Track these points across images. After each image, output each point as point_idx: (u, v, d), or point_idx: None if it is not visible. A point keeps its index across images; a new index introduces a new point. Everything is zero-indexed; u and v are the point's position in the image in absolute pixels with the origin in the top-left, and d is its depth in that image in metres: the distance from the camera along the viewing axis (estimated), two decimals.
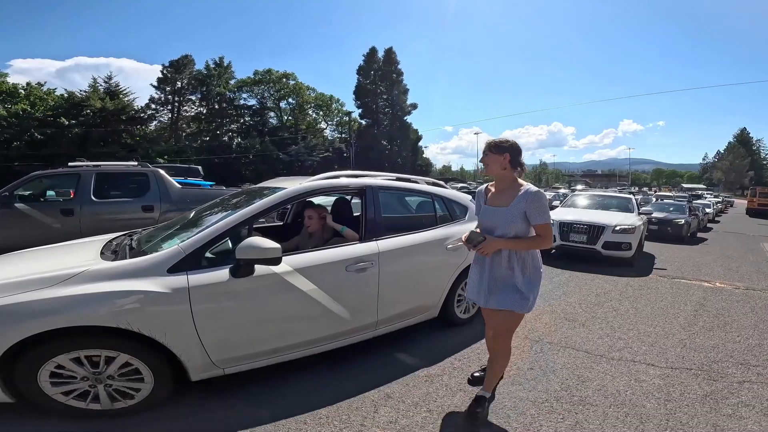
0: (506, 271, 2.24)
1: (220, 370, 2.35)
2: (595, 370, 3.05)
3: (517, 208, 2.16)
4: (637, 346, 3.57)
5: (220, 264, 2.31)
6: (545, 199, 2.17)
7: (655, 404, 2.59)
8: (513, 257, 2.23)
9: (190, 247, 2.25)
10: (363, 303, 2.84)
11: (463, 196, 3.99)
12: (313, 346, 2.67)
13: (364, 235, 2.93)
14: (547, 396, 2.65)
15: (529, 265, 2.25)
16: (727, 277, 6.81)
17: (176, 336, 2.13)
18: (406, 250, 3.08)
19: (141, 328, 2.03)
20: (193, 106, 46.91)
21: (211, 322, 2.22)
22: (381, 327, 3.03)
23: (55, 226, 5.63)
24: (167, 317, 2.10)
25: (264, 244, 2.20)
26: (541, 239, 2.18)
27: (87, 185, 6.03)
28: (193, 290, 2.15)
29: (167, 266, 2.17)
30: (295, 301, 2.49)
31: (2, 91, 35.57)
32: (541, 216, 2.14)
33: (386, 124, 48.80)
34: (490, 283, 2.29)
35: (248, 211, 2.50)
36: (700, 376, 3.01)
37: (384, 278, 2.89)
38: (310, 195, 2.89)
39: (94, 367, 2.06)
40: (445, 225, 3.55)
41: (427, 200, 3.65)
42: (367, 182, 3.13)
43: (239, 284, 2.28)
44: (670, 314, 4.52)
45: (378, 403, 2.49)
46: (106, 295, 1.99)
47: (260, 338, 2.43)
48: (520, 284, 2.22)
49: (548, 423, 2.36)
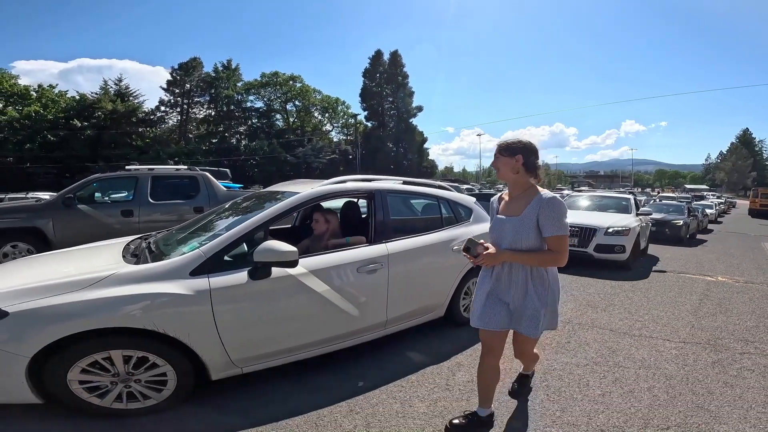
0: (519, 291, 2.02)
1: (239, 369, 2.42)
2: (621, 344, 3.63)
3: (529, 218, 1.92)
4: (653, 326, 4.14)
5: (238, 266, 2.38)
6: (562, 208, 1.89)
7: (675, 367, 3.17)
8: (527, 274, 2.01)
9: (210, 251, 2.33)
10: (373, 303, 2.92)
11: (467, 198, 4.07)
12: (326, 345, 2.75)
13: (374, 238, 3.02)
14: (587, 361, 3.23)
15: (547, 283, 2.03)
16: (729, 272, 7.24)
17: (199, 337, 2.20)
18: (414, 252, 3.17)
19: (167, 329, 2.10)
20: (201, 108, 47.57)
21: (231, 323, 2.29)
22: (390, 326, 3.11)
23: (116, 227, 5.99)
24: (190, 318, 2.17)
25: (281, 248, 2.27)
26: (554, 255, 1.90)
27: (144, 188, 6.46)
28: (214, 292, 2.23)
29: (190, 269, 2.24)
30: (310, 302, 2.57)
31: (14, 93, 36.03)
32: (555, 226, 1.87)
33: (392, 126, 49.11)
34: (498, 304, 2.07)
35: (265, 215, 2.59)
36: (708, 348, 3.57)
37: (393, 279, 2.98)
38: (323, 199, 2.98)
39: (122, 366, 2.12)
40: (451, 227, 3.63)
41: (433, 203, 3.73)
42: (376, 186, 3.22)
43: (257, 286, 2.36)
44: (678, 302, 5.08)
45: (382, 402, 2.54)
46: (134, 297, 2.06)
47: (277, 338, 2.51)
48: (536, 306, 2.01)
49: (594, 379, 2.93)
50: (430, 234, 3.43)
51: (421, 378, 2.87)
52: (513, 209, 2.02)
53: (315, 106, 52.48)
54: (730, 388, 2.86)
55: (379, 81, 49.22)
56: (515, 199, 2.04)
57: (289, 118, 50.79)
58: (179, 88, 45.71)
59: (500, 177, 2.06)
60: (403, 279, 3.10)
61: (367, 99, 49.17)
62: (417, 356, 3.23)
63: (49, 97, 36.90)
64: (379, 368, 2.99)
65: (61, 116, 35.93)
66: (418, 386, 2.76)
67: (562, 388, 2.79)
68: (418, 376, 2.90)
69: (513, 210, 2.02)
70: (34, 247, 5.77)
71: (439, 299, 3.51)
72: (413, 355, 3.24)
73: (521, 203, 1.99)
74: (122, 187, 7.02)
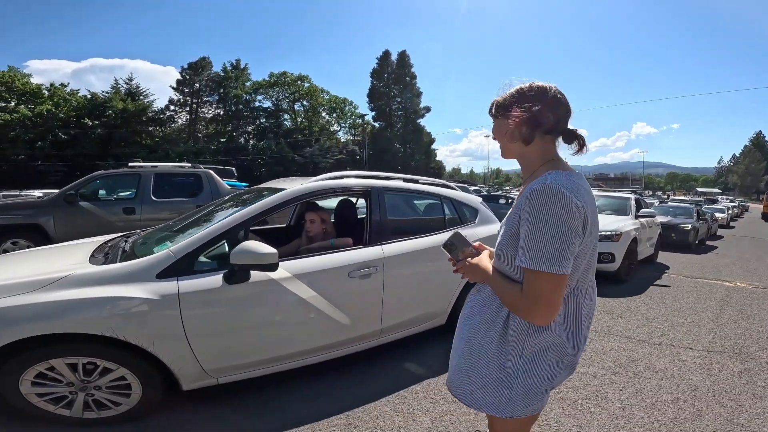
0: (484, 329, 1.19)
1: (214, 379, 2.25)
2: (641, 352, 3.42)
3: (510, 222, 1.12)
4: (673, 333, 3.94)
5: (216, 269, 2.21)
6: (552, 212, 0.98)
7: (700, 377, 2.98)
8: (501, 312, 1.16)
9: (181, 251, 2.15)
10: (366, 311, 2.72)
11: (473, 197, 3.84)
12: (314, 355, 2.55)
13: (369, 240, 2.80)
14: (605, 371, 3.03)
15: (521, 346, 1.13)
16: (746, 277, 7.03)
17: (166, 345, 2.04)
18: (413, 255, 2.95)
19: (127, 336, 1.93)
20: (210, 107, 47.90)
21: (203, 331, 2.12)
22: (385, 335, 2.90)
23: (118, 225, 5.86)
24: (155, 325, 2.00)
25: (260, 249, 2.07)
26: (519, 298, 1.05)
27: (147, 185, 6.41)
28: (183, 297, 2.05)
29: (156, 271, 2.07)
30: (294, 309, 2.38)
31: (26, 92, 36.56)
32: (527, 248, 1.01)
33: (399, 126, 49.07)
34: (457, 344, 1.32)
35: (245, 213, 2.41)
36: (732, 357, 3.38)
37: (389, 285, 2.76)
38: (312, 196, 2.76)
39: (82, 374, 1.97)
40: (455, 228, 3.29)
41: (436, 202, 3.49)
42: (373, 183, 3.00)
43: (234, 291, 2.17)
44: (697, 309, 4.86)
45: (383, 414, 2.37)
46: (89, 301, 1.90)
47: (257, 347, 2.33)
48: (500, 363, 1.15)
49: (612, 391, 2.73)
50: (431, 236, 3.19)
51: (426, 389, 2.69)
52: None
53: (323, 106, 52.55)
54: (759, 399, 2.68)
55: (387, 81, 49.21)
56: (522, 191, 1.17)
57: (297, 118, 50.90)
58: (188, 87, 46.14)
59: (503, 155, 1.23)
60: (401, 285, 2.88)
61: (375, 99, 49.16)
62: (420, 365, 3.04)
63: (60, 96, 37.38)
64: (380, 377, 2.81)
65: (73, 115, 36.38)
66: (422, 398, 2.58)
67: (579, 400, 2.60)
68: (422, 386, 2.72)
69: None
70: (35, 244, 5.70)
71: (441, 306, 3.28)
72: (416, 364, 3.05)
73: (518, 197, 1.16)
74: (125, 185, 6.96)
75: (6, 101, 35.31)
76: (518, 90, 1.15)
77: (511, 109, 1.13)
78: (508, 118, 1.15)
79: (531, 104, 1.10)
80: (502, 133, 1.19)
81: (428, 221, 3.48)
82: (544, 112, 1.10)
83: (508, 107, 1.14)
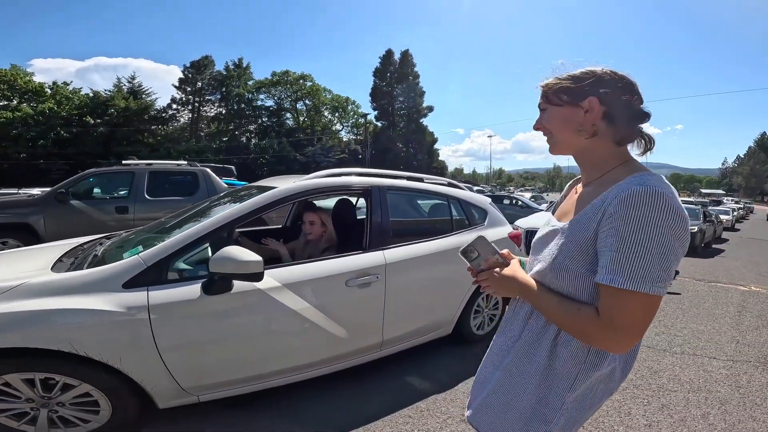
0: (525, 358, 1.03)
1: (194, 397, 2.04)
2: (663, 363, 3.24)
3: (580, 229, 0.91)
4: (695, 342, 3.77)
5: (196, 277, 1.99)
6: (666, 218, 0.80)
7: (728, 390, 2.83)
8: (545, 334, 1.00)
9: (152, 258, 1.91)
10: (365, 322, 2.49)
11: (482, 198, 3.61)
12: (306, 371, 2.33)
13: (369, 244, 2.56)
14: (627, 384, 2.82)
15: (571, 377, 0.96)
16: (760, 281, 6.91)
17: (135, 361, 1.83)
18: (418, 261, 2.72)
19: (89, 352, 1.73)
20: (212, 106, 47.77)
21: (179, 346, 1.91)
22: (386, 348, 2.68)
23: (110, 224, 5.72)
24: (122, 340, 1.79)
25: (243, 256, 1.83)
26: (593, 323, 0.86)
27: (141, 183, 6.23)
28: (154, 309, 1.83)
29: (123, 280, 1.84)
30: (284, 323, 2.15)
31: (29, 90, 36.53)
32: (626, 263, 0.80)
33: (402, 126, 48.87)
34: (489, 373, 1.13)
35: (227, 215, 2.15)
36: (759, 367, 3.24)
37: (391, 293, 2.53)
38: (305, 196, 2.49)
39: (41, 390, 1.78)
40: (462, 231, 3.16)
41: (442, 202, 3.25)
42: (374, 182, 2.75)
43: (213, 303, 1.94)
44: (715, 315, 4.68)
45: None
46: (42, 313, 1.70)
47: (241, 364, 2.10)
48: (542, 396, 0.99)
49: (636, 406, 2.55)
50: (437, 239, 2.95)
51: (432, 406, 2.47)
52: (570, 209, 1.02)
53: (325, 106, 52.32)
54: None
55: (390, 80, 49.00)
56: (585, 192, 1.00)
57: (299, 117, 50.70)
58: (191, 86, 46.00)
59: (555, 150, 1.03)
60: (404, 293, 2.65)
61: (378, 98, 48.96)
62: (425, 379, 2.80)
63: (63, 94, 37.29)
64: (380, 393, 2.58)
65: (75, 113, 36.27)
66: (428, 417, 2.35)
67: (600, 417, 2.42)
68: (428, 404, 2.49)
69: (568, 210, 1.03)
70: (25, 244, 5.52)
71: (447, 316, 3.05)
72: (420, 378, 2.81)
73: (584, 203, 0.95)
74: (118, 183, 6.75)
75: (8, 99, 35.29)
76: (591, 72, 0.95)
77: (585, 97, 0.93)
78: (575, 106, 0.95)
79: (611, 92, 0.92)
80: (561, 124, 0.98)
81: (434, 223, 3.24)
82: (628, 103, 0.93)
83: (579, 94, 0.94)
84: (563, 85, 0.96)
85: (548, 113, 1.00)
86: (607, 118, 0.93)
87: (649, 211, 0.79)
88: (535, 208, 15.17)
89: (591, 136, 0.95)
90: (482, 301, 3.33)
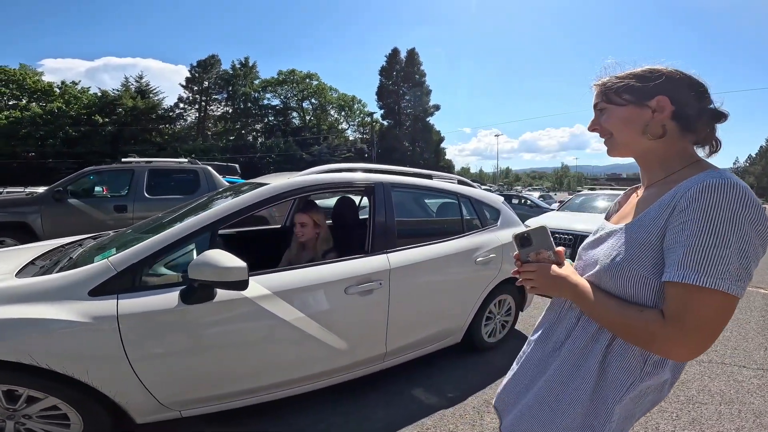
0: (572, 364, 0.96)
1: (176, 412, 1.86)
2: (690, 372, 3.03)
3: (645, 228, 0.84)
4: (722, 349, 3.54)
5: (176, 284, 1.80)
6: (747, 212, 0.72)
7: (762, 402, 2.63)
8: (595, 343, 0.93)
9: (123, 263, 1.72)
10: (367, 333, 2.28)
11: (494, 196, 3.36)
12: (301, 385, 2.13)
13: (372, 247, 2.33)
14: None
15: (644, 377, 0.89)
16: None
17: (104, 374, 1.66)
18: (425, 266, 2.49)
19: (51, 365, 1.57)
20: (219, 105, 47.95)
21: (154, 360, 1.72)
22: (390, 359, 2.47)
23: (108, 223, 5.62)
24: (88, 352, 1.62)
25: (224, 262, 1.62)
26: (656, 324, 0.77)
27: (140, 182, 6.09)
28: (124, 319, 1.64)
29: (89, 287, 1.66)
30: (275, 334, 1.94)
31: (37, 90, 36.93)
32: (702, 259, 0.73)
33: (408, 125, 48.71)
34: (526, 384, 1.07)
35: (211, 214, 1.93)
36: None
37: (396, 301, 2.30)
38: (301, 193, 2.25)
39: (5, 402, 1.64)
40: (474, 233, 2.92)
41: (452, 201, 3.00)
42: (377, 178, 2.52)
43: (193, 313, 1.74)
44: (740, 320, 4.44)
45: None
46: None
47: (227, 378, 1.91)
48: (591, 409, 0.92)
49: (664, 421, 2.35)
50: (446, 242, 2.72)
51: (439, 423, 2.26)
52: (629, 213, 0.96)
53: (331, 104, 52.29)
54: None
55: (396, 79, 48.87)
56: (649, 193, 0.93)
57: (306, 116, 50.71)
58: (198, 85, 46.27)
59: (615, 151, 0.95)
60: (410, 300, 2.42)
61: (384, 97, 48.84)
62: (431, 392, 2.58)
63: (71, 94, 37.70)
64: (382, 408, 2.36)
65: (83, 112, 36.64)
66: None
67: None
68: (435, 420, 2.28)
69: (629, 213, 0.95)
70: (22, 244, 5.40)
71: (456, 323, 2.82)
72: (426, 391, 2.59)
73: (648, 203, 0.88)
74: (117, 181, 6.60)
75: (17, 99, 35.65)
76: (657, 71, 0.89)
77: (653, 96, 0.88)
78: (642, 105, 0.89)
79: (688, 94, 0.87)
80: (624, 125, 0.92)
81: (443, 223, 3.00)
82: (697, 103, 0.88)
83: (646, 93, 0.88)
84: (628, 83, 0.90)
85: (608, 113, 0.94)
86: (678, 118, 0.87)
87: (727, 203, 0.73)
88: (545, 207, 14.84)
89: (659, 137, 0.89)
90: (494, 307, 3.10)
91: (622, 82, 0.91)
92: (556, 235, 5.25)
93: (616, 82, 0.92)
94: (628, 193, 1.10)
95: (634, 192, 1.07)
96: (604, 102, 0.94)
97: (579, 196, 8.33)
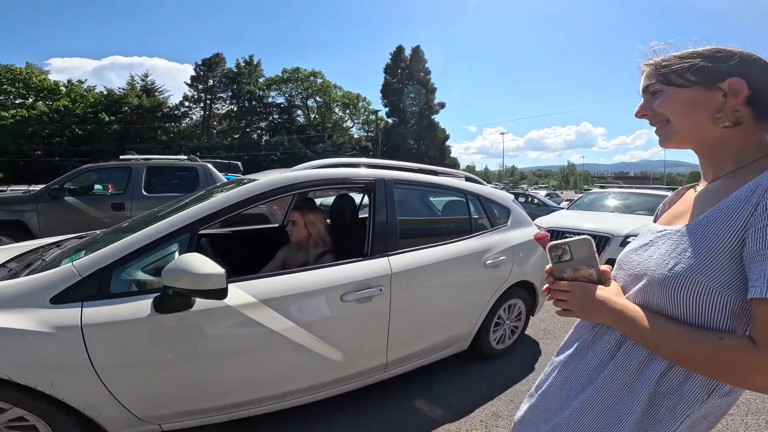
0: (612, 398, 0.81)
1: (155, 425, 1.72)
2: None
3: (713, 231, 0.68)
4: None
5: (149, 290, 1.64)
6: None
7: None
8: (641, 375, 0.77)
9: (88, 267, 1.57)
10: (366, 343, 2.10)
11: (504, 194, 3.15)
12: (292, 398, 1.96)
13: (372, 249, 2.14)
14: None
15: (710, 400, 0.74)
16: None
17: (71, 386, 1.53)
18: (430, 269, 2.29)
19: (12, 375, 1.45)
20: (224, 103, 48.00)
21: (125, 372, 1.58)
22: (391, 369, 2.29)
23: (105, 221, 5.53)
24: (51, 363, 1.49)
25: (201, 268, 1.45)
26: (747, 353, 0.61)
27: (138, 179, 6.01)
28: (89, 329, 1.49)
29: (50, 294, 1.52)
30: (262, 345, 1.77)
31: (44, 88, 37.14)
32: None
33: (413, 123, 48.50)
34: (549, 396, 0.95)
35: (187, 215, 1.76)
36: None
37: (397, 308, 2.11)
38: (292, 190, 2.07)
39: None
40: (483, 233, 2.72)
41: (459, 199, 2.80)
42: (378, 174, 2.34)
43: (168, 322, 1.58)
44: None
45: None
46: None
47: (210, 391, 1.75)
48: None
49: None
50: (453, 243, 2.52)
51: None
52: (686, 212, 0.80)
53: (336, 102, 52.12)
54: None
55: (401, 77, 48.65)
56: (713, 186, 0.78)
57: (310, 114, 50.59)
58: (202, 83, 46.31)
59: (672, 141, 0.80)
60: (413, 307, 2.24)
61: (389, 95, 48.61)
62: (435, 403, 2.40)
63: (77, 92, 37.92)
64: (383, 421, 2.19)
65: (89, 111, 36.84)
66: None
67: None
68: None
69: (686, 212, 0.80)
70: (18, 242, 5.31)
71: (463, 330, 2.63)
72: (429, 402, 2.41)
73: (714, 197, 0.74)
74: (115, 178, 6.50)
75: (24, 98, 35.88)
76: (726, 50, 0.74)
77: (724, 77, 0.73)
78: (711, 88, 0.74)
79: (762, 73, 0.73)
80: (688, 109, 0.76)
81: (449, 223, 2.81)
82: None
83: (716, 73, 0.74)
84: (695, 62, 0.75)
85: (666, 96, 0.78)
86: (754, 104, 0.73)
87: None
88: (552, 206, 14.57)
89: (735, 125, 0.73)
90: (504, 312, 2.92)
91: (687, 61, 0.76)
92: (566, 235, 4.80)
93: (678, 61, 0.77)
94: (681, 192, 0.93)
95: (689, 189, 0.89)
96: (661, 83, 0.79)
97: (589, 194, 8.09)
